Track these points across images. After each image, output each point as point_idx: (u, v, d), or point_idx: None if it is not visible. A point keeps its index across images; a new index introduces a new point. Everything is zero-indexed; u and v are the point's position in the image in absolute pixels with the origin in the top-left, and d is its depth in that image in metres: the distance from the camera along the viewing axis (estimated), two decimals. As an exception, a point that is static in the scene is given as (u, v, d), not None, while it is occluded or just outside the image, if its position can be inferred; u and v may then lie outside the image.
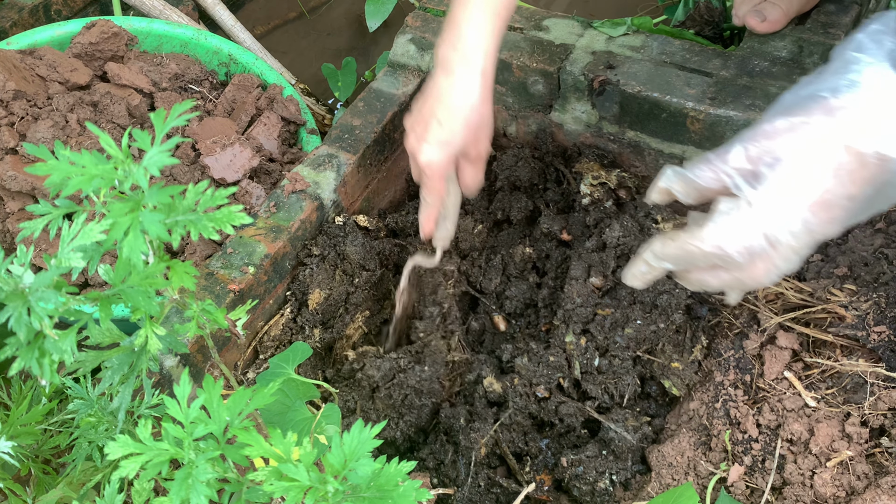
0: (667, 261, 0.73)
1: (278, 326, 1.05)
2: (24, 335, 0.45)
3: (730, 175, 0.67)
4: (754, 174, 0.66)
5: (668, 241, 0.72)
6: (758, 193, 0.65)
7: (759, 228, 0.65)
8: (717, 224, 0.67)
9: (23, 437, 0.75)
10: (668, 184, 0.73)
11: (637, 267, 0.78)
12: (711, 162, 0.69)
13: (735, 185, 0.67)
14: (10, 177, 1.12)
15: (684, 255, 0.71)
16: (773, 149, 0.65)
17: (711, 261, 0.69)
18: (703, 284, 0.73)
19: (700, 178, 0.69)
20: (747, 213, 0.65)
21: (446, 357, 1.01)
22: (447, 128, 0.88)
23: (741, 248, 0.66)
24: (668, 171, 0.73)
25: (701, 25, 1.31)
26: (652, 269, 0.76)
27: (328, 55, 1.76)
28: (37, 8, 1.51)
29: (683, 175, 0.71)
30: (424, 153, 0.89)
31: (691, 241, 0.69)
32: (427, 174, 0.90)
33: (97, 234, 0.48)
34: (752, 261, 0.66)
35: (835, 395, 0.88)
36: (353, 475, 0.54)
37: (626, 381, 0.95)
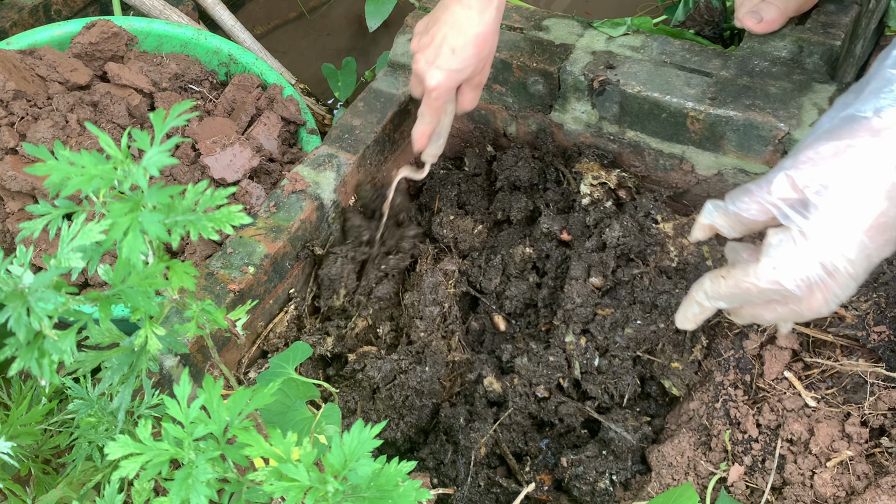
0: (721, 300, 0.71)
1: (283, 323, 1.05)
2: (23, 335, 0.45)
3: (776, 205, 0.65)
4: (802, 202, 0.64)
5: (719, 279, 0.70)
6: (810, 223, 0.63)
7: (816, 258, 0.63)
8: (772, 258, 0.65)
9: (23, 438, 0.75)
10: (711, 219, 0.71)
11: (689, 309, 0.76)
12: (754, 193, 0.67)
13: (784, 215, 0.65)
14: (10, 177, 1.12)
15: (740, 293, 0.69)
16: (820, 175, 0.64)
17: (768, 296, 0.67)
18: (756, 319, 0.72)
19: (744, 210, 0.67)
20: (802, 243, 0.63)
21: (447, 357, 1.01)
22: (459, 56, 0.94)
23: (799, 280, 0.64)
24: (709, 205, 0.71)
25: (701, 25, 1.31)
26: (704, 309, 0.74)
27: (328, 55, 1.76)
28: (37, 8, 1.51)
29: (725, 209, 0.69)
30: (434, 77, 0.94)
31: (746, 279, 0.67)
32: (433, 95, 0.96)
33: (97, 235, 0.48)
34: (811, 292, 0.64)
35: (835, 395, 0.88)
36: (353, 475, 0.54)
37: (626, 381, 0.95)
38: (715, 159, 1.08)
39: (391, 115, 1.17)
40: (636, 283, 0.99)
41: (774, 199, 0.66)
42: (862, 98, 0.66)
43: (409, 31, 1.23)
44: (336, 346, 1.04)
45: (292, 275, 1.07)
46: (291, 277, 1.07)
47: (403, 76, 1.22)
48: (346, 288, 1.07)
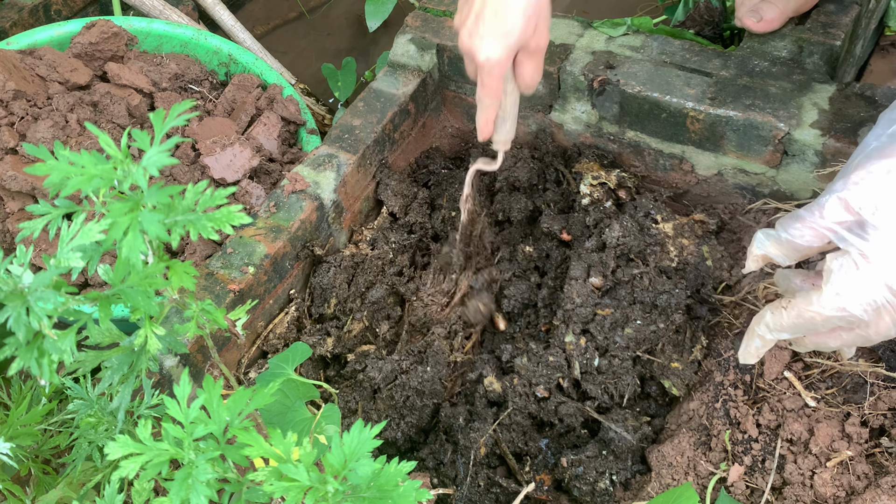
0: (784, 332, 0.70)
1: (283, 324, 1.05)
2: (23, 335, 0.45)
3: (832, 229, 0.64)
4: (859, 224, 0.63)
5: (780, 311, 0.69)
6: (870, 244, 0.62)
7: (882, 280, 0.62)
8: (835, 284, 0.63)
9: (22, 438, 0.75)
10: (764, 249, 0.70)
11: (752, 343, 0.74)
12: (806, 219, 0.66)
13: (841, 238, 0.64)
14: (10, 177, 1.12)
15: (804, 324, 0.67)
16: (875, 194, 0.62)
17: (834, 324, 0.66)
18: (820, 347, 0.70)
19: (797, 237, 0.66)
20: (864, 267, 0.62)
21: (448, 357, 1.01)
22: (504, 19, 0.80)
23: (866, 305, 0.63)
24: (760, 235, 0.70)
25: (701, 25, 1.31)
26: (766, 342, 0.73)
27: (328, 55, 1.76)
28: (37, 8, 1.51)
29: (778, 237, 0.68)
30: (483, 49, 0.80)
31: (810, 308, 0.66)
32: (486, 71, 0.82)
33: (96, 234, 0.48)
34: (879, 316, 0.63)
35: (835, 395, 0.88)
36: (353, 475, 0.54)
37: (625, 382, 0.95)
38: (715, 159, 1.08)
39: (391, 115, 1.17)
40: (636, 283, 0.99)
41: (829, 223, 0.64)
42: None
43: (409, 31, 1.23)
44: (336, 347, 1.04)
45: (292, 275, 1.07)
46: (291, 277, 1.07)
47: (403, 76, 1.22)
48: (336, 297, 1.07)
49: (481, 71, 0.83)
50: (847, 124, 0.98)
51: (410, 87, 1.20)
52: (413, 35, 1.22)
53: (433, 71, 1.23)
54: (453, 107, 1.28)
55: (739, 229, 1.07)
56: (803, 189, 1.03)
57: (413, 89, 1.20)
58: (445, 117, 1.30)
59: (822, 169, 1.00)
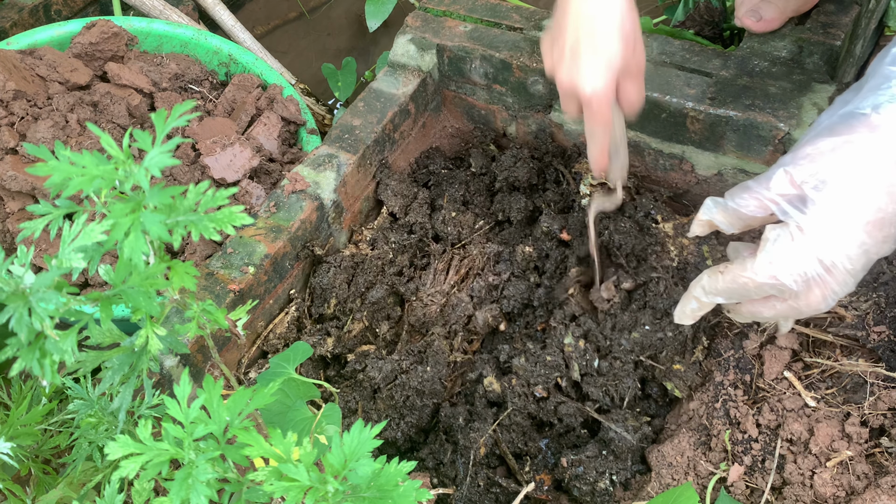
0: (719, 295, 0.71)
1: (283, 324, 1.05)
2: (24, 336, 0.45)
3: (775, 201, 0.65)
4: (801, 198, 0.64)
5: (717, 275, 0.70)
6: (808, 218, 0.63)
7: (814, 254, 0.63)
8: (769, 253, 0.65)
9: (22, 438, 0.75)
10: (710, 215, 0.71)
11: (688, 304, 0.75)
12: (753, 189, 0.67)
13: (782, 210, 0.65)
14: (10, 177, 1.12)
15: (737, 289, 0.69)
16: (819, 171, 0.64)
17: (766, 291, 0.67)
18: (755, 316, 0.72)
19: (742, 206, 0.68)
20: (799, 239, 0.63)
21: (448, 357, 1.01)
22: (603, 47, 0.79)
23: (797, 275, 0.64)
24: (709, 202, 0.71)
25: (701, 25, 1.31)
26: (703, 304, 0.74)
27: (328, 55, 1.76)
28: (37, 8, 1.51)
29: (724, 205, 0.69)
30: (589, 82, 0.79)
31: (743, 274, 0.67)
32: (594, 105, 0.81)
33: (98, 235, 0.48)
34: (809, 288, 0.65)
35: (835, 395, 0.88)
36: (354, 475, 0.54)
37: (626, 384, 0.95)
38: (715, 159, 1.08)
39: (391, 115, 1.17)
40: (651, 288, 0.99)
41: (773, 194, 0.66)
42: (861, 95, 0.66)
43: (409, 31, 1.23)
44: (336, 347, 1.04)
45: (292, 275, 1.07)
46: (291, 277, 1.07)
47: (403, 76, 1.22)
48: (336, 297, 1.07)
49: (589, 105, 0.81)
50: (847, 124, 0.98)
51: (410, 87, 1.20)
52: (413, 35, 1.23)
53: (433, 71, 1.23)
54: (453, 107, 1.28)
55: (739, 229, 1.07)
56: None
57: (413, 89, 1.20)
58: (445, 117, 1.31)
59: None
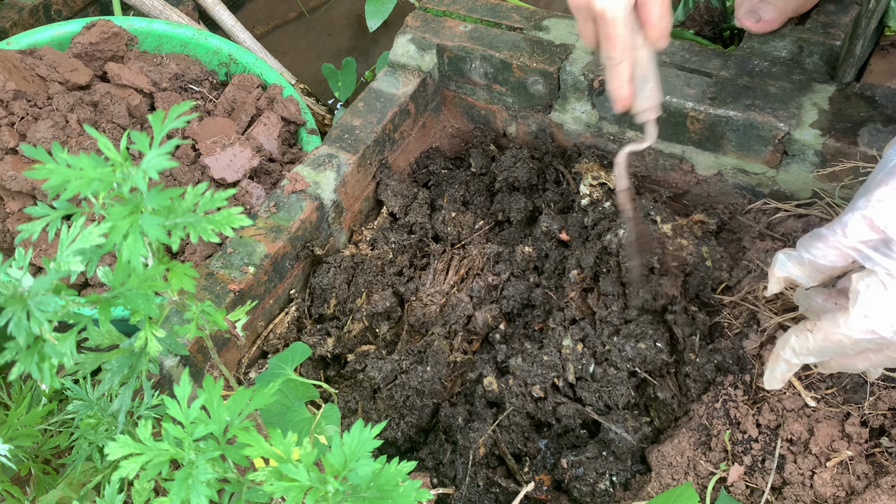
0: (810, 356, 0.68)
1: (283, 324, 1.05)
2: (23, 340, 0.45)
3: (856, 249, 0.62)
4: (885, 242, 0.61)
5: (806, 334, 0.67)
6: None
7: None
8: (864, 306, 0.61)
9: (22, 439, 0.75)
10: (786, 271, 0.68)
11: (777, 368, 0.72)
12: (829, 238, 0.64)
13: (866, 257, 0.62)
14: (10, 177, 1.12)
15: (832, 347, 0.65)
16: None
17: (862, 346, 0.64)
18: (846, 368, 0.68)
19: (820, 258, 0.64)
20: (892, 286, 0.60)
21: (448, 357, 1.01)
22: None
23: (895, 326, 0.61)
24: (781, 256, 0.68)
25: (701, 25, 1.31)
26: (792, 366, 0.71)
27: (328, 55, 1.76)
28: (37, 8, 1.51)
29: (800, 258, 0.66)
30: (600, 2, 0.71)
31: (837, 332, 0.64)
32: (607, 19, 0.72)
33: (96, 237, 0.48)
34: None
35: (835, 395, 0.88)
36: (354, 475, 0.54)
37: (619, 392, 0.94)
38: (715, 159, 1.08)
39: (391, 115, 1.17)
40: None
41: (853, 242, 0.62)
42: None
43: (409, 31, 1.23)
44: (336, 347, 1.04)
45: (292, 275, 1.07)
46: (291, 277, 1.07)
47: (403, 76, 1.22)
48: (336, 297, 1.07)
49: (602, 20, 0.72)
50: (847, 124, 0.98)
51: (410, 87, 1.20)
52: (413, 35, 1.22)
53: (433, 71, 1.23)
54: (453, 107, 1.28)
55: (739, 229, 1.07)
56: (803, 189, 1.03)
57: (413, 89, 1.20)
58: (445, 117, 1.30)
59: (821, 169, 1.00)
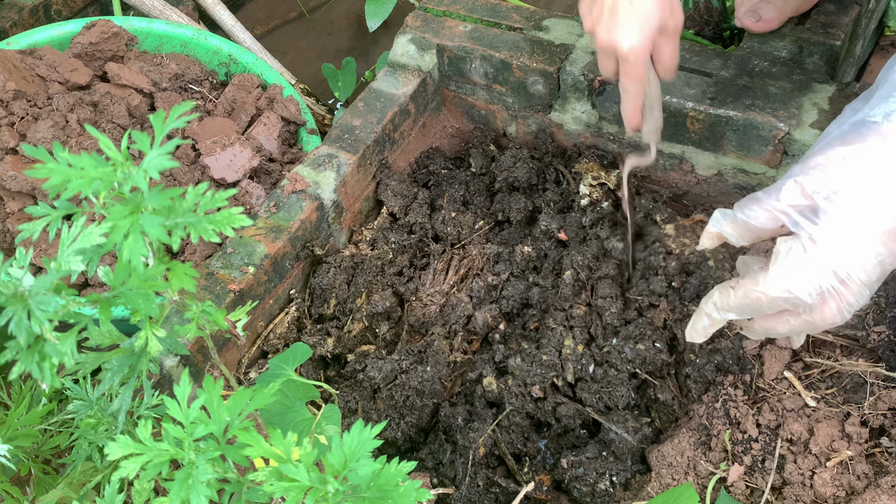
0: (731, 311, 0.70)
1: (283, 324, 1.05)
2: (24, 339, 0.45)
3: (785, 212, 0.64)
4: (812, 209, 0.63)
5: (728, 290, 0.69)
6: (820, 229, 0.62)
7: (828, 266, 0.61)
8: (782, 266, 0.63)
9: (22, 439, 0.75)
10: (719, 227, 0.70)
11: (699, 321, 0.74)
12: (762, 201, 0.65)
13: (793, 222, 0.63)
14: (10, 177, 1.12)
15: (750, 304, 0.67)
16: (830, 180, 0.62)
17: (779, 306, 0.65)
18: (769, 332, 0.70)
19: (752, 218, 0.66)
20: (812, 250, 0.62)
21: (448, 357, 1.01)
22: (641, 5, 0.81)
23: (811, 289, 0.62)
24: (717, 213, 0.70)
25: (701, 25, 1.31)
26: (714, 321, 0.72)
27: (328, 55, 1.76)
28: (37, 8, 1.51)
29: (733, 217, 0.68)
30: (626, 39, 0.81)
31: (756, 288, 0.65)
32: (630, 60, 0.83)
33: (97, 237, 0.48)
34: (824, 301, 0.63)
35: (835, 395, 0.88)
36: (354, 475, 0.54)
37: (619, 393, 0.94)
38: (715, 159, 1.08)
39: (391, 115, 1.17)
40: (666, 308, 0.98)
41: (783, 205, 0.64)
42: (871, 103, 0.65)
43: (409, 31, 1.23)
44: (336, 347, 1.04)
45: (292, 275, 1.07)
46: (291, 278, 1.07)
47: (403, 76, 1.22)
48: (336, 298, 1.07)
49: (625, 61, 0.83)
50: (847, 124, 0.98)
51: (410, 87, 1.20)
52: (413, 35, 1.22)
53: (433, 71, 1.23)
54: (453, 107, 1.28)
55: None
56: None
57: (413, 89, 1.20)
58: (445, 117, 1.30)
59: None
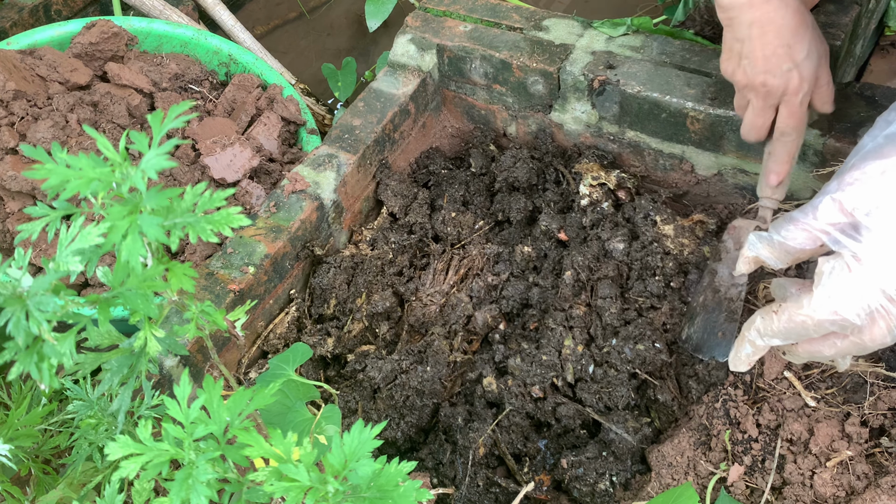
0: (775, 337, 0.68)
1: (283, 324, 1.05)
2: (22, 340, 0.45)
3: (825, 231, 0.62)
4: (853, 226, 0.61)
5: (771, 315, 0.67)
6: (864, 246, 0.60)
7: (875, 284, 0.59)
8: (827, 287, 0.61)
9: (22, 439, 0.75)
10: (755, 251, 0.68)
11: (742, 350, 0.72)
12: (799, 220, 0.64)
13: (834, 240, 0.61)
14: (10, 177, 1.12)
15: (795, 328, 0.65)
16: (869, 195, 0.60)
17: (826, 329, 0.63)
18: (814, 356, 0.68)
19: (789, 239, 0.64)
20: (857, 269, 0.60)
21: (448, 357, 1.01)
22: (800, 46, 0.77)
23: (859, 309, 0.60)
24: (753, 237, 0.69)
25: (701, 25, 1.31)
26: (758, 349, 0.71)
27: (328, 55, 1.76)
28: (37, 8, 1.51)
29: (770, 239, 0.66)
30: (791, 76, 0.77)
31: (800, 312, 0.63)
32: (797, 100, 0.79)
33: (96, 237, 0.48)
34: (873, 321, 0.61)
35: (835, 395, 0.88)
36: (354, 475, 0.54)
37: (619, 393, 0.94)
38: (715, 159, 1.08)
39: (391, 115, 1.17)
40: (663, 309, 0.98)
41: (822, 224, 0.62)
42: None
43: (409, 31, 1.23)
44: (336, 347, 1.04)
45: (292, 275, 1.07)
46: (291, 278, 1.07)
47: (403, 76, 1.22)
48: (336, 298, 1.07)
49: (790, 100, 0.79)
50: (847, 124, 0.98)
51: (410, 87, 1.20)
52: (413, 35, 1.22)
53: (433, 71, 1.23)
54: (453, 107, 1.28)
55: (739, 229, 1.07)
56: (803, 189, 1.03)
57: (413, 89, 1.20)
58: (445, 117, 1.30)
59: (821, 169, 1.00)
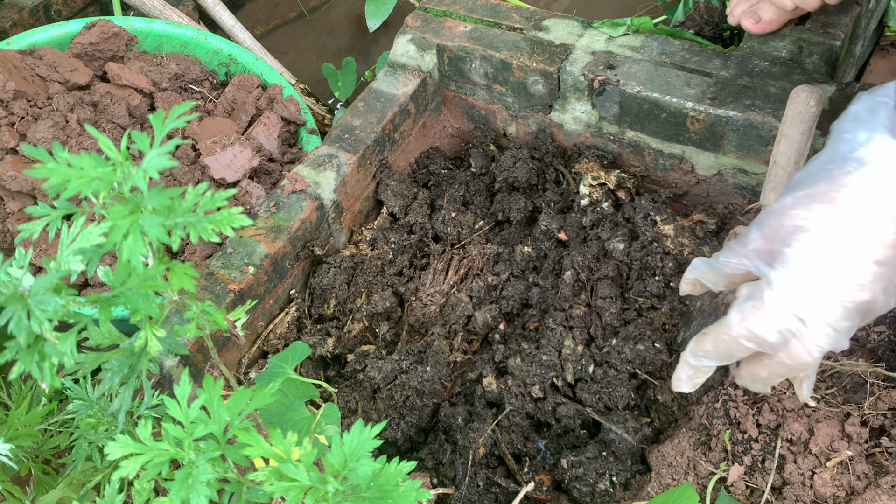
0: (707, 357, 0.71)
1: (283, 324, 1.05)
2: (23, 339, 0.45)
3: (748, 257, 0.66)
4: (770, 253, 0.65)
5: (703, 336, 0.70)
6: (777, 272, 0.63)
7: (786, 307, 0.63)
8: (741, 308, 0.65)
9: (22, 439, 0.75)
10: (697, 274, 0.73)
11: (682, 370, 0.75)
12: (734, 248, 0.68)
13: (755, 266, 0.66)
14: (10, 177, 1.12)
15: (722, 347, 0.68)
16: (785, 225, 0.64)
17: (747, 348, 0.66)
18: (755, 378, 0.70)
19: (724, 265, 0.69)
20: (769, 293, 0.63)
21: (448, 357, 1.01)
22: None
23: (772, 329, 0.63)
24: (697, 261, 0.73)
25: (701, 25, 1.31)
26: (697, 369, 0.73)
27: (328, 55, 1.76)
28: (37, 8, 1.51)
29: (710, 264, 0.71)
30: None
31: (721, 332, 0.67)
32: None
33: (96, 237, 0.48)
34: (788, 342, 0.64)
35: (835, 395, 0.88)
36: (354, 475, 0.54)
37: (619, 393, 0.94)
38: (715, 159, 1.08)
39: (391, 115, 1.17)
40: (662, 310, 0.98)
41: (747, 250, 0.67)
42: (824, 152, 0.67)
43: (409, 31, 1.23)
44: (336, 347, 1.04)
45: (292, 275, 1.07)
46: (291, 277, 1.07)
47: (403, 76, 1.22)
48: (336, 298, 1.07)
49: None
50: (847, 124, 0.98)
51: (410, 87, 1.20)
52: (413, 35, 1.22)
53: (433, 71, 1.23)
54: (453, 107, 1.28)
55: (739, 229, 1.07)
56: (803, 189, 1.03)
57: (413, 89, 1.20)
58: (445, 117, 1.31)
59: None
